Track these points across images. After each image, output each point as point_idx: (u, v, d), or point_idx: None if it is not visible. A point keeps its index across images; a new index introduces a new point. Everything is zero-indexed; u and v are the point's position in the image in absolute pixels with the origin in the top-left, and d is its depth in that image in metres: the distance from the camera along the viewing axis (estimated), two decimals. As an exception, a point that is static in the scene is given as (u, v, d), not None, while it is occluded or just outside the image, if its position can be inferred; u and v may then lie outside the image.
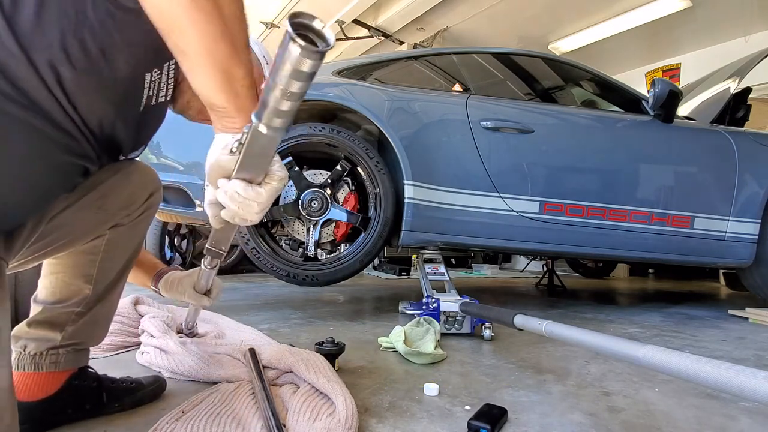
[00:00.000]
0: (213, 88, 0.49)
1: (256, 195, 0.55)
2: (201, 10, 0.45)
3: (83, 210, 0.70)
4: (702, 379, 0.54)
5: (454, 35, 5.36)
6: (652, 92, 2.21)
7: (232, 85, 0.49)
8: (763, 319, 2.14)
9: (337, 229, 1.93)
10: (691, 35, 5.06)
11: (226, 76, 0.48)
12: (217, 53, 0.47)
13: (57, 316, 0.77)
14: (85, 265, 0.78)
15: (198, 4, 0.44)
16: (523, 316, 1.06)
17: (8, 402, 0.50)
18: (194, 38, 0.46)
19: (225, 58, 0.47)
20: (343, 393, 0.82)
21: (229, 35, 0.47)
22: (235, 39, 0.48)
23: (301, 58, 0.41)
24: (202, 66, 0.48)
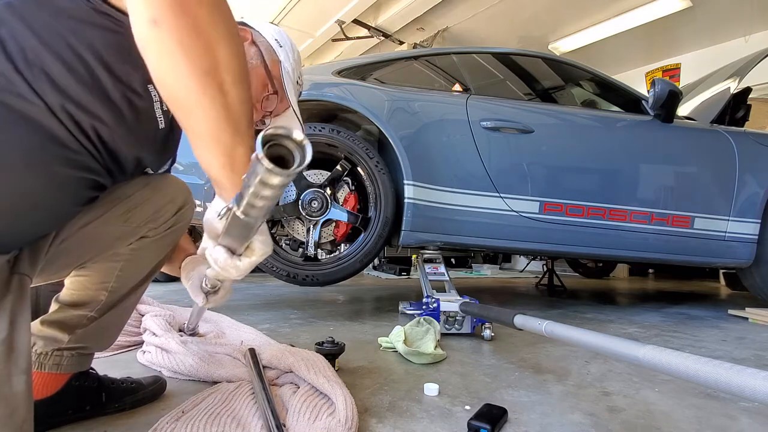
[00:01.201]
0: (214, 166, 0.51)
1: (234, 267, 0.59)
2: (209, 97, 0.46)
3: (108, 224, 0.70)
4: (702, 379, 0.54)
5: (454, 35, 5.36)
6: (652, 92, 2.21)
7: (232, 163, 0.51)
8: (763, 319, 2.14)
9: (337, 229, 1.94)
10: (691, 35, 5.06)
11: (227, 155, 0.50)
12: (221, 136, 0.49)
13: (70, 318, 0.77)
14: (105, 272, 0.78)
15: (207, 91, 0.46)
16: (523, 316, 1.06)
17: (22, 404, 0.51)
18: (201, 122, 0.48)
19: (228, 139, 0.49)
20: (343, 393, 0.82)
21: (233, 119, 0.49)
22: (239, 122, 0.49)
23: (269, 175, 0.42)
24: (207, 146, 0.50)
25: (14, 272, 0.55)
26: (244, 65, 0.49)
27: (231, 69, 0.47)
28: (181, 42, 0.44)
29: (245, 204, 0.48)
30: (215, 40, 0.45)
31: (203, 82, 0.45)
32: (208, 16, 0.44)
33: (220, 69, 0.46)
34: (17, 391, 0.51)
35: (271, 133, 0.42)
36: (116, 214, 0.70)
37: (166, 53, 0.44)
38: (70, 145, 0.53)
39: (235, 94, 0.48)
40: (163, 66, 0.45)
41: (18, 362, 0.52)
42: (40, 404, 0.75)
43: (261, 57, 0.83)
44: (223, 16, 0.46)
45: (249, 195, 0.46)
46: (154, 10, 0.42)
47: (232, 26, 0.47)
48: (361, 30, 5.26)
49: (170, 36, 0.43)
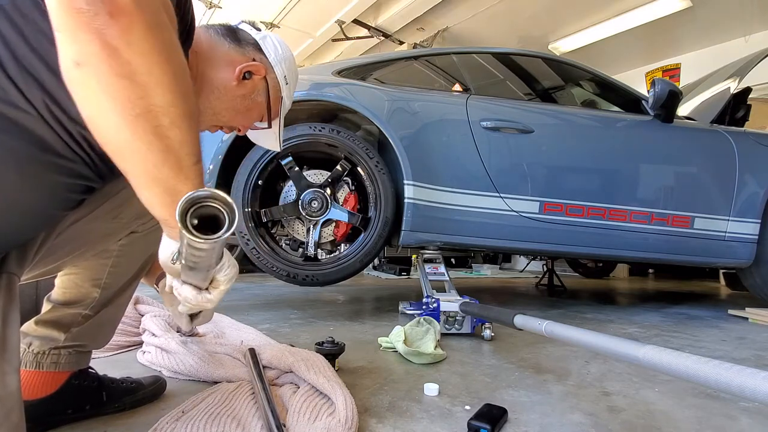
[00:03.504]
0: (157, 206, 0.49)
1: (206, 300, 0.59)
2: (143, 141, 0.44)
3: (96, 221, 0.69)
4: (702, 379, 0.54)
5: (454, 35, 5.36)
6: (652, 92, 2.21)
7: (176, 200, 0.47)
8: (763, 319, 2.14)
9: (337, 229, 1.94)
10: (691, 35, 5.06)
11: (170, 194, 0.48)
12: (160, 177, 0.46)
13: (64, 316, 0.78)
14: (96, 269, 0.79)
15: (140, 136, 0.43)
16: (523, 316, 1.06)
17: (16, 404, 0.52)
18: (137, 165, 0.46)
19: (170, 179, 0.47)
20: (343, 393, 0.82)
21: (174, 159, 0.46)
22: (181, 161, 0.47)
23: (195, 242, 0.42)
24: (146, 187, 0.48)
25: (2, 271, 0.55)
26: (186, 105, 0.46)
27: (169, 112, 0.44)
28: (108, 86, 0.41)
29: (185, 260, 0.48)
30: (149, 84, 0.42)
31: (134, 127, 0.43)
32: (139, 58, 0.41)
33: (156, 113, 0.43)
34: (11, 391, 0.51)
35: (193, 198, 0.41)
36: (105, 211, 0.70)
37: (92, 97, 0.42)
38: (63, 152, 0.52)
39: (175, 135, 0.45)
40: (90, 109, 0.43)
41: (11, 361, 0.52)
42: (39, 403, 0.75)
43: (267, 94, 0.84)
44: (161, 57, 0.42)
45: (185, 255, 0.46)
46: (77, 52, 0.40)
47: (174, 66, 0.44)
48: (361, 30, 5.26)
49: (95, 79, 0.41)
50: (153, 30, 0.41)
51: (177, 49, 0.46)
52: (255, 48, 0.83)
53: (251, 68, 0.80)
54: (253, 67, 0.80)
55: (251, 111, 0.84)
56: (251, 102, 0.83)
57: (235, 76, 0.78)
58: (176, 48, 0.45)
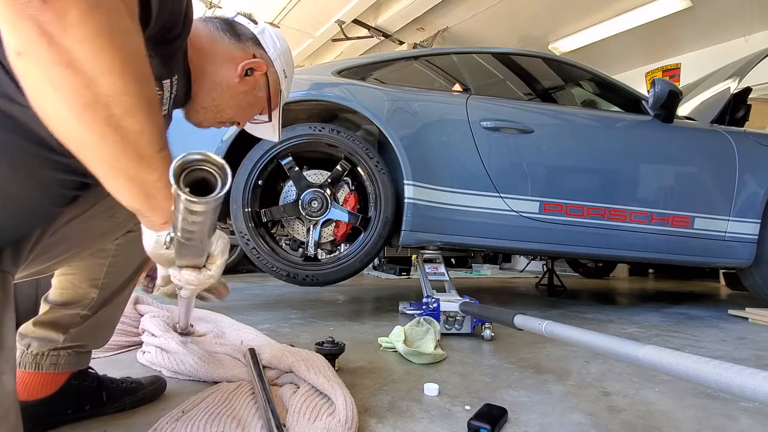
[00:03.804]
0: (126, 197, 0.48)
1: (208, 277, 0.59)
2: (94, 132, 0.42)
3: (92, 219, 0.69)
4: (702, 379, 0.54)
5: (454, 35, 5.36)
6: (652, 92, 2.21)
7: (144, 192, 0.47)
8: (763, 319, 2.14)
9: (337, 229, 1.93)
10: (691, 35, 5.06)
11: (136, 185, 0.47)
12: (119, 166, 0.45)
13: (62, 317, 0.78)
14: (94, 269, 0.78)
15: (90, 127, 0.42)
16: (523, 316, 1.06)
17: (13, 404, 0.51)
18: (94, 156, 0.44)
19: (131, 168, 0.46)
20: (343, 393, 0.82)
21: (133, 149, 0.45)
22: (142, 150, 0.45)
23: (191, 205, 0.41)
24: (110, 178, 0.46)
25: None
26: (141, 92, 0.44)
27: (120, 101, 0.42)
28: (50, 76, 0.39)
29: (181, 231, 0.47)
30: (94, 71, 0.40)
31: (83, 118, 0.41)
32: (79, 45, 0.38)
33: (106, 102, 0.41)
34: (7, 391, 0.51)
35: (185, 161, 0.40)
36: (101, 210, 0.70)
37: (37, 87, 0.40)
38: (58, 148, 0.50)
39: (131, 124, 0.43)
40: (37, 101, 0.41)
41: (7, 360, 0.51)
42: (39, 404, 0.75)
43: (267, 88, 0.85)
44: (104, 42, 0.40)
45: (181, 223, 0.45)
46: (17, 41, 0.38)
47: (122, 51, 0.42)
48: (361, 30, 5.26)
49: (37, 69, 0.39)
50: (92, 14, 0.38)
51: (126, 33, 0.43)
52: (254, 43, 0.83)
53: (253, 65, 0.80)
54: (255, 64, 0.80)
55: (253, 106, 0.86)
56: (253, 98, 0.84)
57: (238, 74, 0.79)
58: (125, 32, 0.43)
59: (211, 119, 0.83)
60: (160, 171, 0.47)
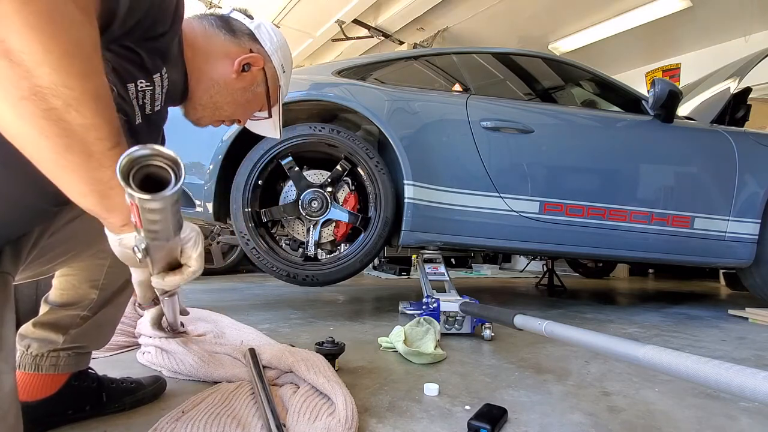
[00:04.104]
0: (75, 195, 0.46)
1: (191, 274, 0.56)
2: (33, 126, 0.40)
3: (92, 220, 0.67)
4: (702, 379, 0.54)
5: (454, 35, 5.36)
6: (652, 92, 2.21)
7: (97, 189, 0.45)
8: (763, 319, 2.14)
9: (337, 229, 1.93)
10: (691, 35, 5.05)
11: (87, 182, 0.44)
12: (66, 164, 0.43)
13: (62, 318, 0.77)
14: (94, 270, 0.78)
15: (29, 120, 0.40)
16: (523, 316, 1.06)
17: (12, 404, 0.51)
18: (36, 152, 0.42)
19: (79, 166, 0.43)
20: (343, 393, 0.82)
21: (80, 145, 0.42)
22: (90, 146, 0.43)
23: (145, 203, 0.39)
24: (56, 176, 0.44)
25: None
26: (86, 86, 0.42)
27: (61, 93, 0.40)
28: None
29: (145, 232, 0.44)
30: (30, 63, 0.38)
31: (21, 111, 0.39)
32: (14, 35, 0.37)
33: (44, 95, 0.39)
34: (7, 391, 0.51)
35: (132, 157, 0.37)
36: None
37: None
38: None
39: (74, 118, 0.41)
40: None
41: (7, 361, 0.51)
42: (39, 405, 0.75)
43: (265, 84, 0.84)
44: (42, 34, 0.38)
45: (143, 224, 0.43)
46: None
47: (63, 43, 0.40)
48: (361, 30, 5.26)
49: None
50: (29, 3, 0.37)
51: (71, 24, 0.40)
52: (251, 38, 0.82)
53: (250, 60, 0.79)
54: (252, 59, 0.80)
55: (252, 103, 0.85)
56: (251, 94, 0.83)
57: (235, 69, 0.78)
58: (69, 23, 0.40)
59: (210, 117, 0.82)
60: (111, 169, 0.43)
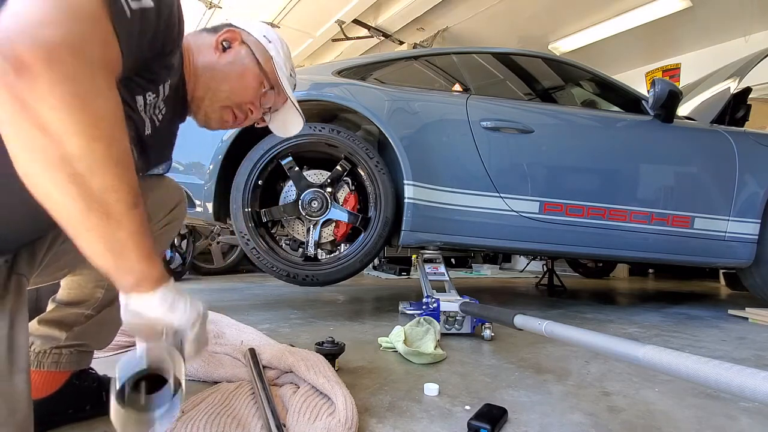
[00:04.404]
0: (93, 253, 0.48)
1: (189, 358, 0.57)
2: (58, 188, 0.44)
3: None
4: (702, 379, 0.54)
5: (454, 35, 5.36)
6: (652, 92, 2.21)
7: (113, 249, 0.48)
8: (763, 319, 2.14)
9: (337, 229, 1.93)
10: (691, 35, 5.05)
11: (102, 240, 0.47)
12: (88, 224, 0.46)
13: (67, 316, 0.79)
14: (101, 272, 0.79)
15: (55, 183, 0.43)
16: (523, 316, 1.06)
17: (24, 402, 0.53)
18: (60, 213, 0.45)
19: (98, 227, 0.46)
20: (343, 393, 0.82)
21: (99, 207, 0.45)
22: (109, 208, 0.46)
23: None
24: (78, 236, 0.47)
25: (12, 273, 0.57)
26: (109, 151, 0.46)
27: (85, 159, 0.44)
28: (23, 137, 0.42)
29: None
30: (61, 133, 0.42)
31: (51, 176, 0.43)
32: (49, 110, 0.41)
33: (71, 161, 0.43)
34: (18, 390, 0.52)
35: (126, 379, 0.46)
36: None
37: (14, 147, 0.43)
38: None
39: (96, 182, 0.45)
40: (16, 160, 0.44)
41: (18, 361, 0.53)
42: (40, 403, 0.75)
43: (252, 55, 0.83)
44: (72, 107, 0.42)
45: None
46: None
47: (90, 114, 0.44)
48: (361, 30, 5.26)
49: (12, 130, 0.42)
50: (62, 83, 0.42)
51: (98, 97, 0.45)
52: (226, 26, 0.84)
53: (226, 36, 0.80)
54: (227, 34, 0.81)
55: (244, 76, 0.81)
56: (240, 66, 0.80)
57: (215, 48, 0.79)
58: (96, 97, 0.45)
59: (211, 106, 0.80)
60: (130, 229, 0.47)
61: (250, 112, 0.83)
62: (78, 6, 0.44)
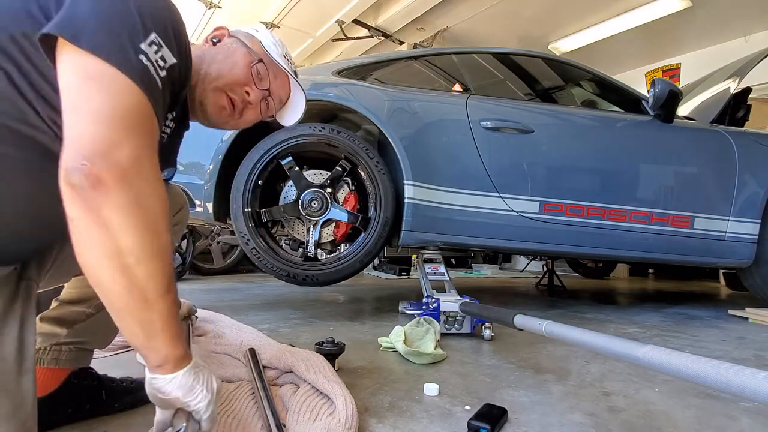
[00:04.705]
0: (128, 332, 0.54)
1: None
2: (110, 277, 0.51)
3: None
4: (702, 379, 0.54)
5: (454, 35, 5.36)
6: (652, 92, 2.21)
7: (144, 331, 0.54)
8: (763, 319, 2.14)
9: (337, 229, 1.93)
10: (691, 35, 5.05)
11: (137, 322, 0.53)
12: (128, 307, 0.52)
13: (69, 314, 0.80)
14: None
15: (108, 273, 0.51)
16: (523, 316, 1.06)
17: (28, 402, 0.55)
18: (107, 297, 0.52)
19: (136, 309, 0.53)
20: (343, 393, 0.82)
21: (140, 293, 0.52)
22: (148, 295, 0.52)
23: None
24: (118, 316, 0.53)
25: (23, 278, 0.60)
26: (154, 245, 0.53)
27: (134, 252, 0.51)
28: (89, 233, 0.50)
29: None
30: (120, 231, 0.50)
31: (104, 265, 0.51)
32: (113, 213, 0.49)
33: (123, 254, 0.51)
34: (25, 389, 0.54)
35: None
36: None
37: (78, 241, 0.51)
38: None
39: (141, 271, 0.52)
40: (77, 250, 0.51)
41: (26, 362, 0.55)
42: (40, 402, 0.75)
43: (239, 41, 0.84)
44: (132, 212, 0.50)
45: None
46: (70, 211, 0.50)
47: (145, 216, 0.52)
48: (361, 30, 5.26)
49: (80, 229, 0.50)
50: (128, 192, 0.50)
51: (150, 193, 0.53)
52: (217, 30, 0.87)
53: (215, 34, 0.85)
54: (216, 33, 0.85)
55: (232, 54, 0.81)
56: (227, 48, 0.82)
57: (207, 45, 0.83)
58: (150, 193, 0.53)
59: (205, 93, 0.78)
60: (162, 313, 0.54)
61: (246, 94, 0.81)
62: (134, 115, 0.52)
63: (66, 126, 0.49)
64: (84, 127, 0.49)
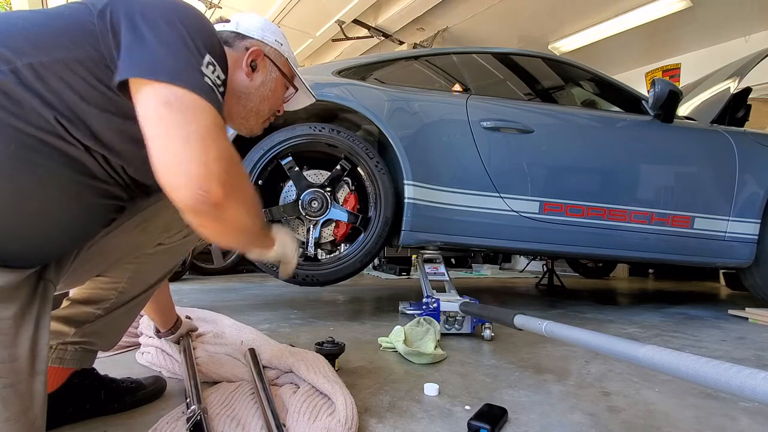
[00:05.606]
0: (252, 251, 0.76)
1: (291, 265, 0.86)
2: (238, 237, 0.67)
3: (125, 233, 0.78)
4: (702, 379, 0.54)
5: (454, 35, 5.36)
6: (652, 92, 2.21)
7: (261, 245, 0.76)
8: (763, 319, 2.14)
9: (337, 229, 1.93)
10: (691, 35, 5.05)
11: (257, 246, 0.75)
12: (251, 239, 0.72)
13: (79, 314, 0.81)
14: (117, 273, 0.83)
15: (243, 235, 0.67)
16: (523, 316, 1.06)
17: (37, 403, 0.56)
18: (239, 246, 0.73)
19: (255, 239, 0.73)
20: (343, 393, 0.82)
21: (254, 235, 0.71)
22: (257, 233, 0.72)
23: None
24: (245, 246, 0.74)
25: (41, 279, 0.61)
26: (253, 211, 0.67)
27: (246, 222, 0.64)
28: (222, 232, 0.62)
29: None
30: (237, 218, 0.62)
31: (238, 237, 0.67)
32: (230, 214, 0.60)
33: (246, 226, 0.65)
34: (35, 390, 0.55)
35: None
36: (134, 224, 0.77)
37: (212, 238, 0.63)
38: (103, 177, 0.62)
39: (254, 225, 0.67)
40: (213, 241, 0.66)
41: (38, 363, 0.56)
42: (40, 402, 0.75)
43: (275, 67, 0.88)
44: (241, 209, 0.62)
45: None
46: (201, 224, 0.60)
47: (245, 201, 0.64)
48: (361, 30, 5.26)
49: (211, 233, 0.62)
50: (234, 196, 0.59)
51: (243, 182, 0.66)
52: (239, 37, 0.85)
53: (251, 56, 0.84)
54: (253, 54, 0.84)
55: (277, 90, 0.89)
56: (271, 82, 0.87)
57: (246, 73, 0.83)
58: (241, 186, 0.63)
59: (256, 121, 0.88)
60: (264, 235, 0.77)
61: (277, 113, 0.93)
62: (215, 130, 0.58)
63: (163, 151, 0.54)
64: (184, 154, 0.54)
